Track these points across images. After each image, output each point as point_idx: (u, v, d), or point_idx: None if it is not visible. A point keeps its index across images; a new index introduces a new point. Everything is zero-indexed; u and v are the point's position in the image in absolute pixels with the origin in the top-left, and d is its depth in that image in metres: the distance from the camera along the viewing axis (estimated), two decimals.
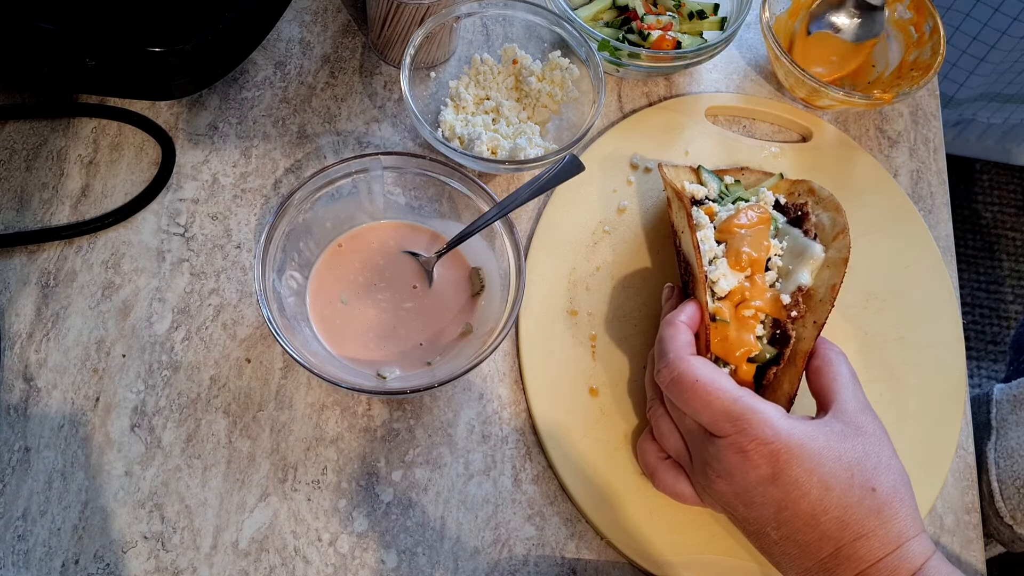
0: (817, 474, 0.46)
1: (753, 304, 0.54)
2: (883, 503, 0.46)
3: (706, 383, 0.49)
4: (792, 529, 0.47)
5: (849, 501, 0.46)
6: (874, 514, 0.46)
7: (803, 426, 0.47)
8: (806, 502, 0.46)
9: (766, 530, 0.48)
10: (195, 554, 0.53)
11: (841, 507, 0.46)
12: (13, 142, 0.64)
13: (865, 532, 0.45)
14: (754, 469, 0.47)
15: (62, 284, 0.60)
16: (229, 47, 0.62)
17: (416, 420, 0.58)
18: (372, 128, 0.68)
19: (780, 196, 0.60)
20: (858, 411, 0.50)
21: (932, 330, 0.64)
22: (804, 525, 0.46)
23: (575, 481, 0.57)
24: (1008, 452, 0.63)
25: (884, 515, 0.46)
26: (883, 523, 0.46)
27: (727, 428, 0.48)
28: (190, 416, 0.57)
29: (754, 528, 0.49)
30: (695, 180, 0.63)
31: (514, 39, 0.72)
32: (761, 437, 0.46)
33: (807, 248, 0.56)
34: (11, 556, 0.52)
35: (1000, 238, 1.61)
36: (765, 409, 0.48)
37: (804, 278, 0.55)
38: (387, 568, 0.54)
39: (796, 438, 0.46)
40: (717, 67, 0.74)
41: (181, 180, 0.64)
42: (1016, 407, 0.64)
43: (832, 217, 0.58)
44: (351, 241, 0.61)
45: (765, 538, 0.48)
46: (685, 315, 0.53)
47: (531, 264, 0.63)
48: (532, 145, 0.64)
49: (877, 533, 0.45)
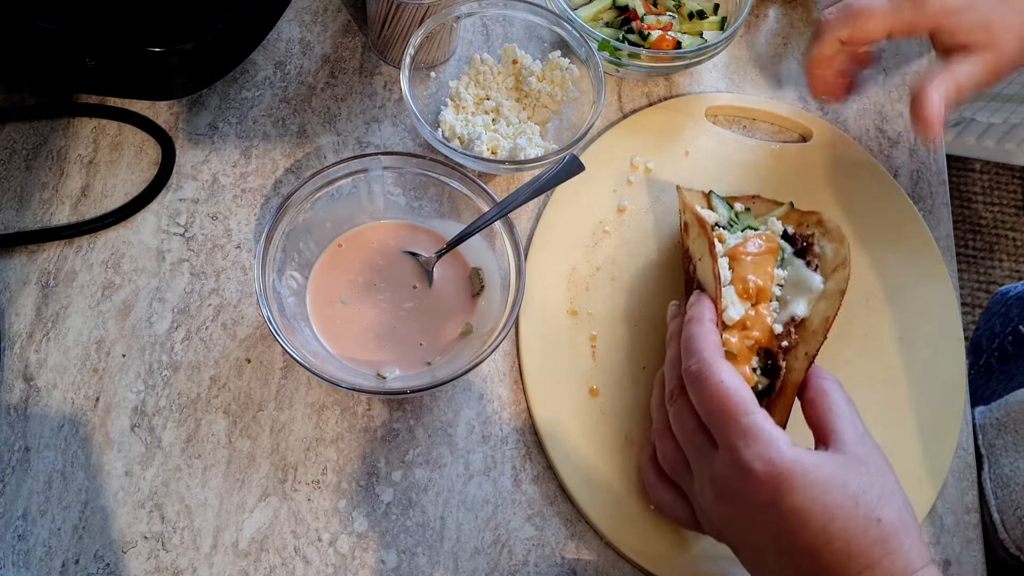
0: (820, 503, 0.45)
1: (753, 334, 0.54)
2: (889, 533, 0.45)
3: (728, 387, 0.48)
4: (793, 560, 0.45)
5: (854, 532, 0.44)
6: (879, 544, 0.44)
7: (807, 455, 0.46)
8: (807, 533, 0.45)
9: (766, 556, 0.47)
10: (195, 554, 0.53)
11: (845, 538, 0.44)
12: (13, 142, 0.64)
13: (871, 563, 0.44)
14: (755, 493, 0.45)
15: (62, 284, 0.60)
16: (229, 47, 0.62)
17: (416, 420, 0.58)
18: (372, 128, 0.68)
19: (789, 227, 0.60)
20: (858, 441, 0.48)
21: (932, 330, 0.64)
22: (805, 556, 0.45)
23: (575, 481, 0.57)
24: (1003, 481, 0.61)
25: (890, 545, 0.44)
26: (888, 554, 0.44)
27: (732, 439, 0.47)
28: (190, 416, 0.57)
29: (754, 554, 0.48)
30: (706, 205, 0.62)
31: (514, 39, 0.72)
32: (765, 457, 0.45)
33: (807, 280, 0.55)
34: (11, 556, 0.52)
35: (1000, 238, 1.61)
36: (774, 432, 0.47)
37: (800, 309, 0.54)
38: (387, 568, 0.54)
39: (800, 465, 0.45)
40: (717, 67, 0.74)
41: (181, 180, 0.64)
42: (1001, 431, 0.63)
43: (835, 248, 0.57)
44: (351, 241, 0.61)
45: (765, 565, 0.47)
46: (710, 315, 0.53)
47: (531, 264, 0.63)
48: (532, 145, 0.64)
49: (883, 564, 0.44)
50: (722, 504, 0.48)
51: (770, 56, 0.76)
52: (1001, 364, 0.80)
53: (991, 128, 1.55)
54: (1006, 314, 0.82)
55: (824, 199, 0.68)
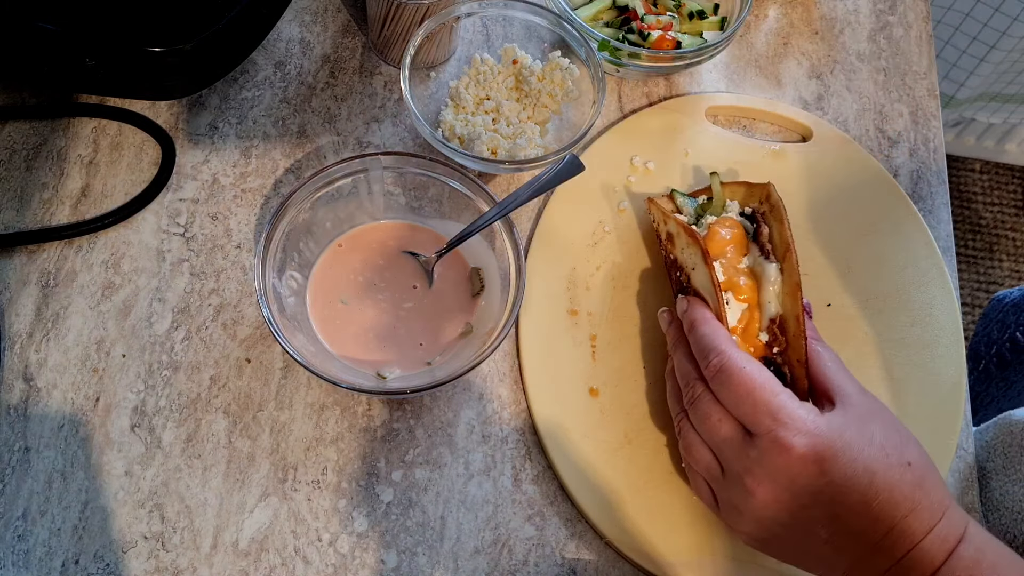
0: (860, 462, 0.46)
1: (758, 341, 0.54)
2: (922, 475, 0.47)
3: (752, 373, 0.49)
4: (845, 521, 0.47)
5: (893, 480, 0.46)
6: (918, 487, 0.47)
7: (832, 420, 0.48)
8: (857, 492, 0.46)
9: (815, 530, 0.47)
10: (195, 554, 0.53)
11: (888, 488, 0.46)
12: (13, 142, 0.64)
13: (915, 506, 0.46)
14: (801, 469, 0.46)
15: (62, 284, 0.60)
16: (229, 47, 0.62)
17: (416, 420, 0.58)
18: (372, 128, 0.68)
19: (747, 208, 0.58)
20: (860, 393, 0.50)
21: (932, 330, 0.64)
22: (858, 515, 0.46)
23: (575, 481, 0.57)
24: (994, 505, 0.61)
25: (926, 486, 0.47)
26: (927, 493, 0.47)
27: (767, 422, 0.47)
28: (190, 416, 0.57)
29: (802, 535, 0.48)
30: (673, 207, 0.62)
31: (514, 39, 0.72)
32: (803, 432, 0.47)
33: (765, 269, 0.54)
34: (11, 556, 0.52)
35: (1000, 238, 1.61)
36: (802, 409, 0.48)
37: (773, 307, 0.54)
38: (387, 568, 0.54)
39: (834, 432, 0.47)
40: (717, 67, 0.74)
41: (181, 180, 0.64)
42: (991, 454, 0.63)
43: (779, 231, 0.56)
44: (351, 241, 0.61)
45: (814, 539, 0.48)
46: (711, 315, 0.53)
47: (531, 264, 0.63)
48: (532, 145, 0.64)
49: (923, 504, 0.46)
50: (764, 489, 0.48)
51: (770, 56, 0.76)
52: (1000, 370, 0.80)
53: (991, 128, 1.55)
54: (1003, 320, 0.82)
55: (824, 199, 0.68)
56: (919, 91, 0.76)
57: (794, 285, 0.53)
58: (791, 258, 0.54)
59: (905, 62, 0.77)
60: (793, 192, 0.67)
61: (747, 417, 0.49)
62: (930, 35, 0.79)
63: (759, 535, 0.50)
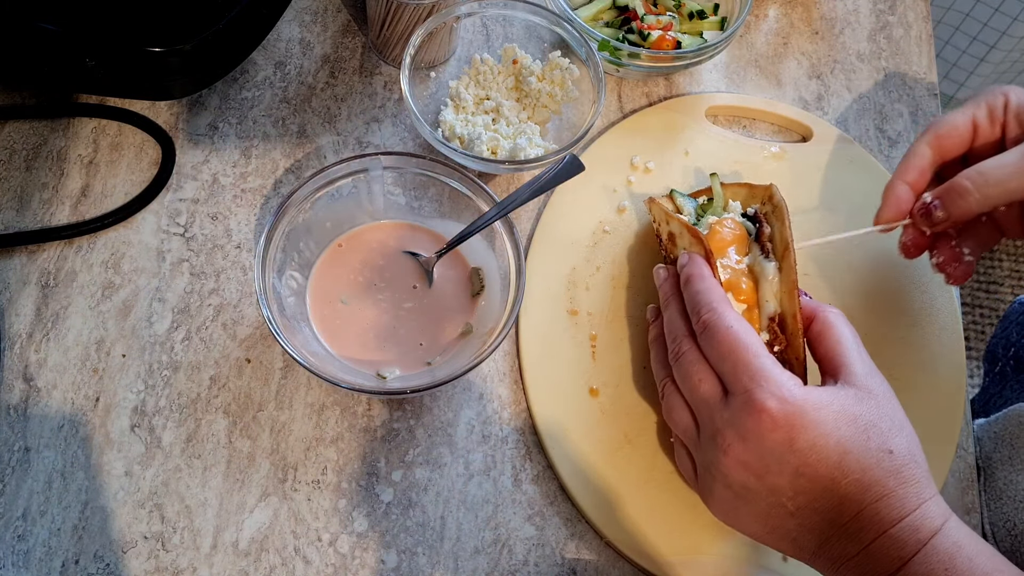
0: (834, 437, 0.46)
1: None
2: (901, 464, 0.46)
3: (738, 332, 0.49)
4: (810, 496, 0.46)
5: (868, 463, 0.46)
6: (893, 475, 0.46)
7: (817, 392, 0.47)
8: (824, 467, 0.46)
9: (781, 501, 0.47)
10: (195, 554, 0.53)
11: (860, 469, 0.45)
12: (13, 142, 0.64)
13: (886, 493, 0.45)
14: (770, 432, 0.46)
15: (62, 284, 0.60)
16: (229, 47, 0.62)
17: (416, 420, 0.58)
18: (372, 128, 0.68)
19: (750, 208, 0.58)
20: (867, 374, 0.49)
21: (932, 330, 0.64)
22: (823, 490, 0.46)
23: (575, 481, 0.57)
24: (996, 494, 0.61)
25: (903, 476, 0.46)
26: (902, 484, 0.46)
27: (744, 381, 0.47)
28: (190, 416, 0.57)
29: (766, 503, 0.47)
30: (673, 207, 0.62)
31: (514, 39, 0.72)
32: (778, 395, 0.46)
33: (764, 268, 0.54)
34: (11, 556, 0.52)
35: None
36: (783, 374, 0.48)
37: (771, 305, 0.54)
38: (387, 568, 0.54)
39: (811, 402, 0.46)
40: (717, 67, 0.74)
41: (181, 180, 0.64)
42: (998, 444, 0.63)
43: (780, 231, 0.56)
44: (351, 241, 0.61)
45: (779, 511, 0.47)
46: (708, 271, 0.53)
47: (531, 264, 0.63)
48: (532, 145, 0.64)
49: (897, 493, 0.45)
50: (734, 450, 0.47)
51: (770, 56, 0.76)
52: (1016, 372, 0.80)
53: None
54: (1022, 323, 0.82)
55: (824, 199, 0.68)
56: (919, 91, 0.76)
57: (791, 284, 0.53)
58: (789, 257, 0.54)
59: (905, 62, 0.77)
60: (793, 192, 0.67)
61: (728, 375, 0.48)
62: (930, 35, 0.79)
63: (730, 504, 0.49)
